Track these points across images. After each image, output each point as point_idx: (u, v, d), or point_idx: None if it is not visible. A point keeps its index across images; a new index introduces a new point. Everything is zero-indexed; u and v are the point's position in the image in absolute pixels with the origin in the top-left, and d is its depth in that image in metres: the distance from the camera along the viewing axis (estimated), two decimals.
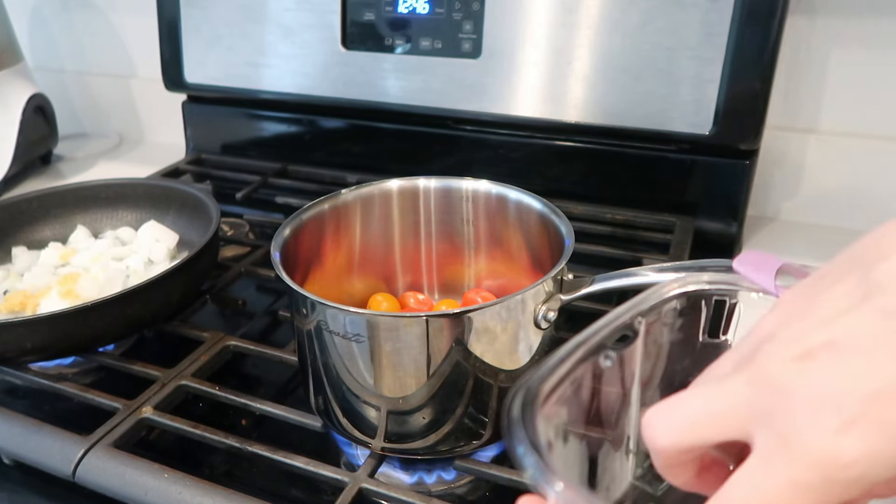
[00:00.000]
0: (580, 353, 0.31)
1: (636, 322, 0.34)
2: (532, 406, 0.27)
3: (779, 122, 0.76)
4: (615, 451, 0.37)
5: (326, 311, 0.41)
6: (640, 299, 0.34)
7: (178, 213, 0.70)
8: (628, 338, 0.34)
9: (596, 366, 0.32)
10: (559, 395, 0.29)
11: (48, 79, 1.13)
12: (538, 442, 0.26)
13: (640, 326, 0.34)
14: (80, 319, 0.52)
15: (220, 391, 0.52)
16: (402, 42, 0.78)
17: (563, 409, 0.30)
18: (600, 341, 0.32)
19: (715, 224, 0.74)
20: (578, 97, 0.72)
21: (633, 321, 0.34)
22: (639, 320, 0.34)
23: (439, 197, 0.56)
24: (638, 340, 0.35)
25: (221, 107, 0.95)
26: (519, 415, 0.27)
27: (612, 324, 0.33)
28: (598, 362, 0.32)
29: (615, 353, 0.33)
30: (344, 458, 0.50)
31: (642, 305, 0.34)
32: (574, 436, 0.33)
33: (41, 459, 0.47)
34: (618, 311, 0.33)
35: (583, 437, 0.34)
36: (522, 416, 0.27)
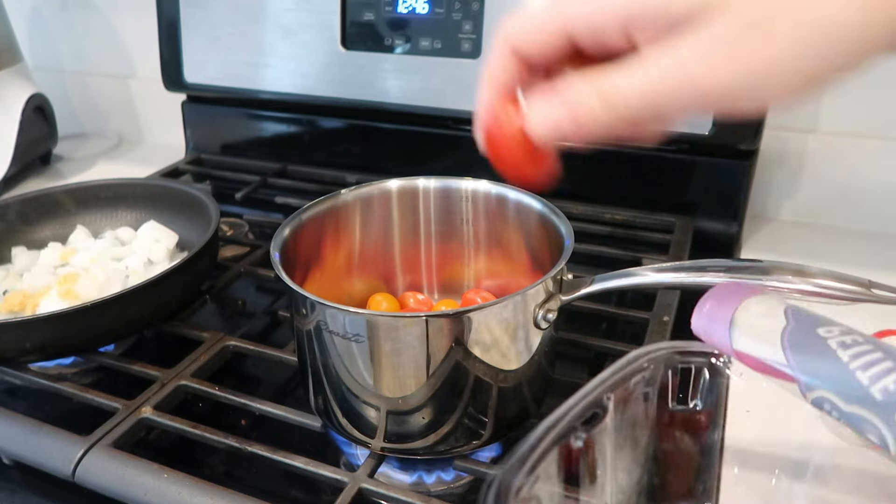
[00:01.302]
0: (551, 437, 0.31)
1: (605, 398, 0.35)
2: (506, 497, 0.28)
3: (778, 122, 0.76)
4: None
5: (326, 311, 0.41)
6: (607, 375, 0.35)
7: (178, 214, 0.70)
8: (597, 415, 0.35)
9: (568, 446, 0.33)
10: (533, 480, 0.30)
11: (48, 79, 1.13)
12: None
13: (608, 402, 0.35)
14: (79, 319, 0.52)
15: (220, 391, 0.52)
16: (401, 42, 0.78)
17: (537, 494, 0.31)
18: (570, 423, 0.33)
19: (715, 224, 0.74)
20: None
21: (601, 397, 0.34)
22: (607, 396, 0.35)
23: (439, 197, 0.56)
24: (608, 416, 0.35)
25: (221, 107, 0.95)
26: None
27: (580, 403, 0.33)
28: (570, 443, 0.33)
29: (585, 434, 0.34)
30: (343, 458, 0.50)
31: (609, 381, 0.35)
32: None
33: (41, 459, 0.47)
34: (585, 389, 0.34)
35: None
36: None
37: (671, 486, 0.41)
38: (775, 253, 0.73)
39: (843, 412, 0.30)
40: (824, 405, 0.31)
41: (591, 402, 0.34)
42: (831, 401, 0.31)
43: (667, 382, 0.38)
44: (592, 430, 0.34)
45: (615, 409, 0.35)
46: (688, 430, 0.40)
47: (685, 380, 0.38)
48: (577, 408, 0.33)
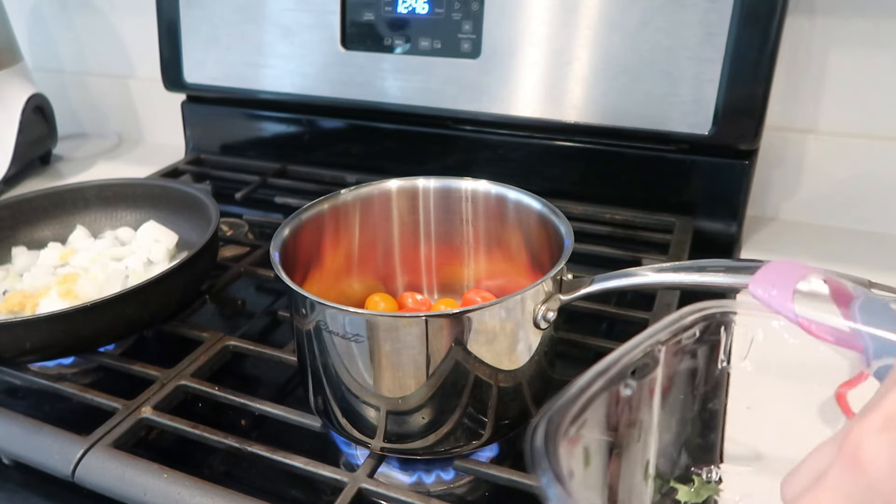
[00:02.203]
0: (601, 382, 0.31)
1: (656, 350, 0.34)
2: (555, 436, 0.28)
3: (778, 122, 0.76)
4: (635, 477, 0.37)
5: (326, 311, 0.41)
6: (660, 326, 0.35)
7: (178, 214, 0.70)
8: (648, 365, 0.34)
9: (616, 394, 0.32)
10: (580, 423, 0.30)
11: (47, 79, 1.13)
12: (561, 472, 0.26)
13: (659, 354, 0.34)
14: (79, 319, 0.52)
15: (220, 391, 0.52)
16: (401, 42, 0.78)
17: (584, 437, 0.30)
18: (620, 370, 0.32)
19: (714, 224, 0.74)
20: (578, 97, 0.72)
21: (653, 349, 0.34)
22: (658, 348, 0.34)
23: (438, 197, 0.56)
24: (658, 368, 0.35)
25: (221, 107, 0.95)
26: (542, 445, 0.27)
27: (632, 352, 0.33)
28: (619, 391, 0.32)
29: (635, 382, 0.33)
30: (343, 459, 0.50)
31: (662, 333, 0.34)
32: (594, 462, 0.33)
33: (41, 459, 0.47)
34: (638, 339, 0.34)
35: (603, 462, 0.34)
36: (545, 446, 0.27)
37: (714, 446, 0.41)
38: (775, 253, 0.73)
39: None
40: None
41: (642, 351, 0.33)
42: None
43: (719, 340, 0.37)
44: (642, 380, 0.34)
45: (665, 361, 0.35)
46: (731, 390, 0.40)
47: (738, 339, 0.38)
48: (628, 356, 0.32)
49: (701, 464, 0.42)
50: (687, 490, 0.40)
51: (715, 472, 0.42)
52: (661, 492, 0.40)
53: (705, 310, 0.36)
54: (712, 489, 0.41)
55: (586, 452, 0.31)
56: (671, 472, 0.40)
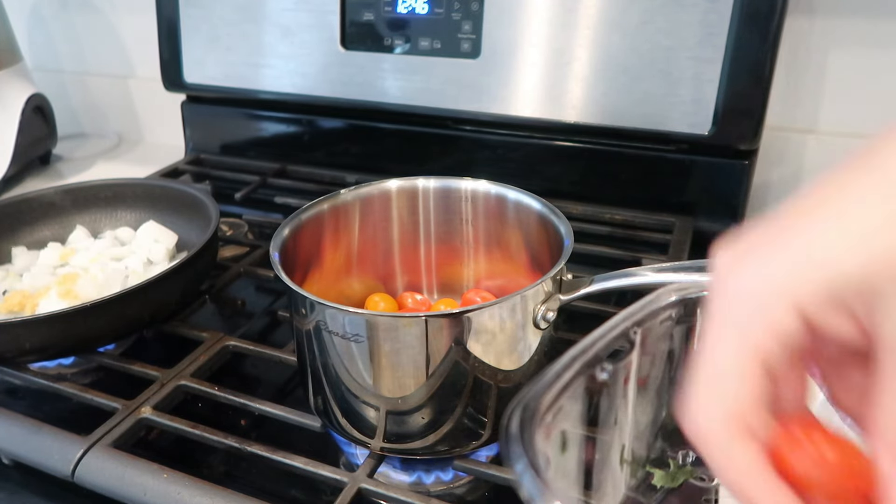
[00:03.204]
0: (576, 367, 0.31)
1: (632, 332, 0.34)
2: (530, 423, 0.27)
3: (778, 123, 0.76)
4: (610, 462, 0.37)
5: (325, 311, 0.41)
6: (636, 309, 0.34)
7: (177, 214, 0.70)
8: (624, 348, 0.34)
9: (592, 378, 0.32)
10: (556, 409, 0.29)
11: (47, 79, 1.13)
12: (535, 460, 0.26)
13: (635, 337, 0.34)
14: (78, 319, 0.52)
15: (220, 391, 0.52)
16: (401, 42, 0.78)
17: (560, 423, 0.30)
18: (596, 354, 0.32)
19: (714, 224, 0.74)
20: (577, 97, 0.72)
21: (628, 331, 0.33)
22: (634, 330, 0.34)
23: (438, 197, 0.56)
24: (634, 351, 0.34)
25: (220, 107, 0.95)
26: (517, 432, 0.27)
27: (608, 335, 0.32)
28: (595, 375, 0.32)
29: (611, 366, 0.33)
30: (343, 459, 0.50)
31: (638, 315, 0.34)
32: (571, 448, 0.32)
33: (40, 459, 0.47)
34: (613, 321, 0.33)
35: (579, 448, 0.33)
36: (520, 433, 0.27)
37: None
38: None
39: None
40: None
41: (618, 334, 0.33)
42: None
43: (695, 321, 0.37)
44: (618, 363, 0.34)
45: (641, 343, 0.34)
46: None
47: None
48: (603, 339, 0.32)
49: (677, 447, 0.42)
50: (663, 474, 0.40)
51: (691, 455, 0.41)
52: (636, 476, 0.39)
53: (681, 291, 0.36)
54: (687, 472, 0.41)
55: (563, 438, 0.31)
56: (647, 457, 0.40)
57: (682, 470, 0.41)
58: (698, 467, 0.41)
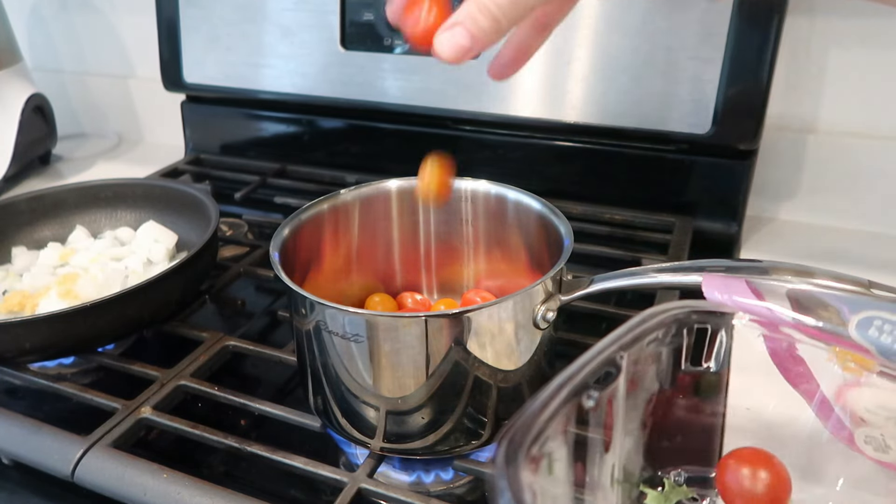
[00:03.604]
0: (563, 395, 0.31)
1: (618, 357, 0.34)
2: (515, 456, 0.27)
3: (778, 122, 0.76)
4: (602, 484, 0.37)
5: (325, 312, 0.41)
6: (622, 332, 0.34)
7: (177, 214, 0.70)
8: (611, 373, 0.34)
9: (579, 406, 0.32)
10: (543, 439, 0.29)
11: (47, 79, 1.13)
12: (520, 494, 0.25)
13: (622, 361, 0.34)
14: (78, 320, 0.52)
15: (219, 391, 0.52)
16: (401, 42, 0.78)
17: (547, 452, 0.30)
18: (583, 380, 0.32)
19: (714, 224, 0.74)
20: (577, 97, 0.72)
21: (615, 356, 0.34)
22: (621, 355, 0.34)
23: None
24: (621, 375, 0.34)
25: (220, 107, 0.95)
26: (502, 465, 0.27)
27: (594, 361, 0.32)
28: (581, 402, 0.32)
29: (598, 392, 0.33)
30: (343, 458, 0.50)
31: (624, 339, 0.34)
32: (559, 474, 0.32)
33: (40, 459, 0.47)
34: (599, 346, 0.33)
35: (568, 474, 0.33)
36: (506, 466, 0.27)
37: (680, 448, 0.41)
38: (775, 253, 0.73)
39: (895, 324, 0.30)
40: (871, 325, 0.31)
41: (604, 360, 0.33)
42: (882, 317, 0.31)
43: (681, 343, 0.37)
44: (605, 390, 0.33)
45: (629, 368, 0.34)
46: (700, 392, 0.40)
47: (700, 340, 0.38)
48: (590, 366, 0.32)
49: (669, 467, 0.42)
50: (656, 494, 0.40)
51: (683, 475, 0.41)
52: (630, 496, 0.39)
53: (667, 312, 0.36)
54: (682, 493, 0.41)
55: (551, 465, 0.30)
56: (639, 477, 0.40)
57: (676, 490, 0.41)
58: (692, 487, 0.41)
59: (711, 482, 0.41)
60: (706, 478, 0.41)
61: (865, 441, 0.39)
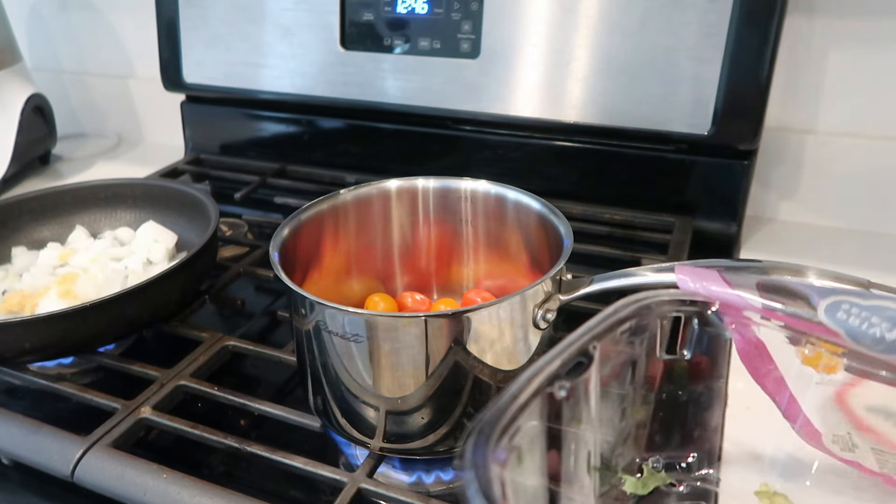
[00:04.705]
0: (534, 386, 0.31)
1: (591, 347, 0.34)
2: (484, 448, 0.27)
3: (777, 122, 0.76)
4: (577, 473, 0.37)
5: (325, 312, 0.41)
6: (594, 323, 0.34)
7: (177, 214, 0.70)
8: (583, 364, 0.34)
9: (550, 396, 0.32)
10: (513, 430, 0.29)
11: (47, 79, 1.13)
12: (489, 486, 0.25)
13: (594, 352, 0.34)
14: (78, 320, 0.52)
15: (219, 391, 0.52)
16: (400, 42, 0.78)
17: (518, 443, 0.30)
18: (554, 372, 0.32)
19: (714, 224, 0.74)
20: (577, 97, 0.72)
21: (587, 346, 0.34)
22: (593, 345, 0.34)
23: (438, 197, 0.56)
24: (593, 365, 0.34)
25: (220, 107, 0.95)
26: (471, 457, 0.27)
27: (565, 352, 0.33)
28: (553, 393, 0.32)
29: (569, 383, 0.33)
30: (343, 459, 0.50)
31: (596, 329, 0.34)
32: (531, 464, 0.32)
33: (40, 459, 0.47)
34: (570, 338, 0.33)
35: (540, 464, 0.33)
36: (474, 458, 0.27)
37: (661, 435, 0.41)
38: (775, 253, 0.73)
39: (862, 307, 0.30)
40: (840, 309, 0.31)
41: (575, 350, 0.33)
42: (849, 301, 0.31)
43: (655, 331, 0.37)
44: (577, 380, 0.34)
45: (601, 358, 0.35)
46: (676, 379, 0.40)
47: (674, 329, 0.38)
48: (560, 357, 0.32)
49: (648, 453, 0.42)
50: (634, 481, 0.40)
51: (661, 461, 0.42)
52: (611, 482, 0.39)
53: (639, 302, 0.36)
54: (659, 479, 0.41)
55: (520, 455, 0.30)
56: (616, 464, 0.40)
57: (655, 476, 0.41)
58: (670, 473, 0.41)
59: (689, 468, 0.41)
60: (684, 464, 0.42)
61: (833, 441, 0.39)
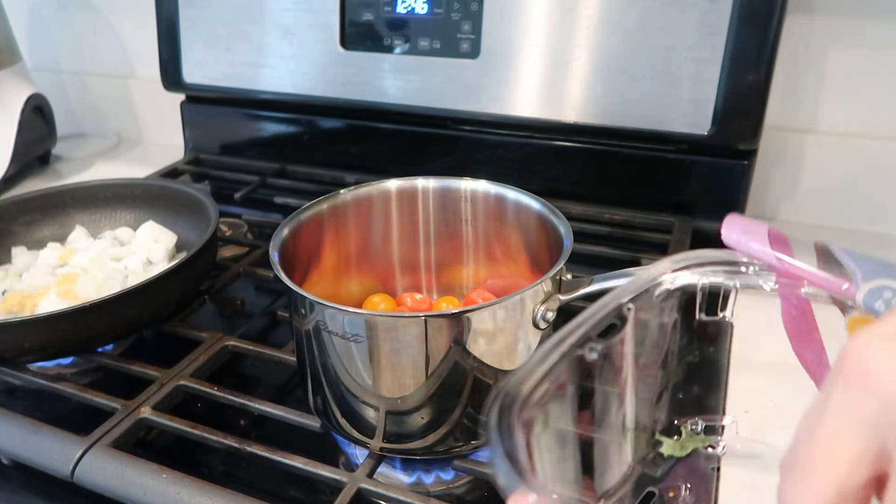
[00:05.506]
0: (563, 348, 0.30)
1: (625, 309, 0.33)
2: (509, 411, 0.27)
3: (777, 122, 0.76)
4: (612, 436, 0.36)
5: (325, 312, 0.41)
6: (629, 285, 0.33)
7: (177, 214, 0.70)
8: (616, 326, 0.33)
9: (581, 358, 0.31)
10: (542, 393, 0.28)
11: (46, 79, 1.13)
12: (514, 449, 0.25)
13: (628, 313, 0.33)
14: (78, 320, 0.52)
15: (219, 391, 0.52)
16: (400, 42, 0.78)
17: (549, 405, 0.29)
18: (585, 334, 0.31)
19: (713, 224, 0.74)
20: (577, 97, 0.72)
21: (622, 307, 0.33)
22: (628, 307, 0.33)
23: (438, 197, 0.56)
24: (626, 327, 0.34)
25: (220, 107, 0.95)
26: (496, 421, 0.26)
27: (598, 314, 0.32)
28: (584, 355, 0.31)
29: (601, 345, 0.32)
30: (343, 459, 0.50)
31: (631, 290, 0.33)
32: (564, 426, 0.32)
33: (40, 460, 0.47)
34: (605, 300, 0.32)
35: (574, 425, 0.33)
36: (499, 422, 0.26)
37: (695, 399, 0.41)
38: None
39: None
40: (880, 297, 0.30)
41: (609, 311, 0.32)
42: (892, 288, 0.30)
43: (695, 292, 0.36)
44: (609, 342, 0.33)
45: (637, 319, 0.34)
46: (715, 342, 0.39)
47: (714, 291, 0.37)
48: (593, 318, 0.31)
49: (686, 416, 0.41)
50: (672, 443, 0.40)
51: (700, 423, 0.41)
52: (647, 445, 0.39)
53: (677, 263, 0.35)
54: (698, 440, 0.41)
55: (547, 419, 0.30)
56: (655, 426, 0.40)
57: (693, 438, 0.41)
58: (709, 435, 0.41)
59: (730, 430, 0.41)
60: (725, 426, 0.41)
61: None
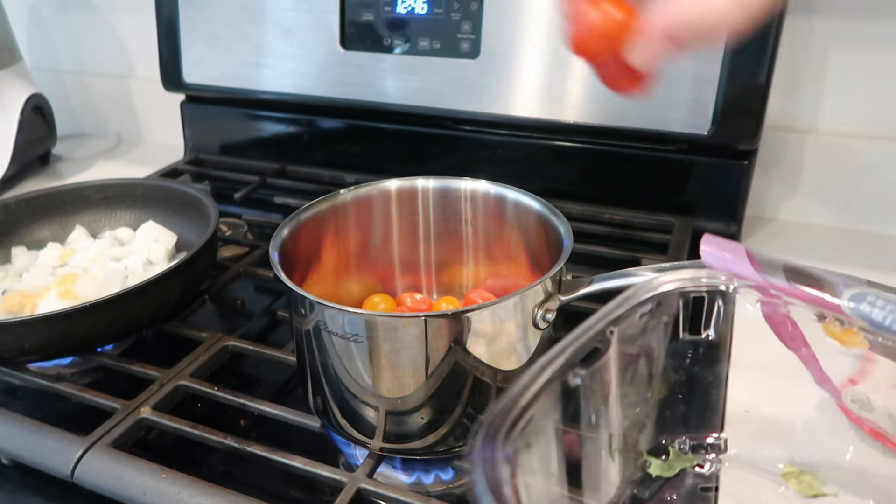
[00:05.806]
0: (547, 375, 0.30)
1: (608, 332, 0.33)
2: (492, 444, 0.27)
3: (777, 122, 0.76)
4: (600, 457, 0.37)
5: (325, 312, 0.41)
6: (611, 308, 0.34)
7: (177, 214, 0.70)
8: (599, 350, 0.33)
9: (565, 384, 0.31)
10: (525, 422, 0.28)
11: (46, 79, 1.13)
12: (498, 484, 0.25)
13: (611, 336, 0.34)
14: (78, 320, 0.52)
15: (219, 391, 0.52)
16: (400, 42, 0.78)
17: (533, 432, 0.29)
18: (568, 360, 0.31)
19: (713, 224, 0.74)
20: (577, 97, 0.72)
21: (604, 331, 0.33)
22: (611, 330, 0.34)
23: (438, 197, 0.56)
24: (610, 350, 0.34)
25: (220, 107, 0.95)
26: (479, 456, 0.26)
27: (581, 338, 0.32)
28: (567, 381, 0.31)
29: (584, 370, 0.32)
30: (342, 459, 0.50)
31: (613, 314, 0.34)
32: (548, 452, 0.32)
33: (40, 460, 0.47)
34: (587, 323, 0.33)
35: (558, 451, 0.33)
36: (482, 456, 0.26)
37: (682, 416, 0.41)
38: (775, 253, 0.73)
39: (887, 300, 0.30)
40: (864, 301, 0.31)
41: (591, 336, 0.32)
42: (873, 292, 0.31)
43: (678, 312, 0.37)
44: (593, 367, 0.33)
45: (620, 342, 0.34)
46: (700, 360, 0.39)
47: (697, 309, 0.37)
48: (575, 343, 0.32)
49: (674, 435, 0.41)
50: (660, 463, 0.40)
51: (688, 442, 0.41)
52: (635, 465, 0.39)
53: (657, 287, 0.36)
54: (687, 460, 0.41)
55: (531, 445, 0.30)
56: (641, 445, 0.40)
57: (681, 458, 0.41)
58: (697, 454, 0.41)
59: (717, 448, 0.41)
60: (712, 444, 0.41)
61: (852, 400, 0.39)
